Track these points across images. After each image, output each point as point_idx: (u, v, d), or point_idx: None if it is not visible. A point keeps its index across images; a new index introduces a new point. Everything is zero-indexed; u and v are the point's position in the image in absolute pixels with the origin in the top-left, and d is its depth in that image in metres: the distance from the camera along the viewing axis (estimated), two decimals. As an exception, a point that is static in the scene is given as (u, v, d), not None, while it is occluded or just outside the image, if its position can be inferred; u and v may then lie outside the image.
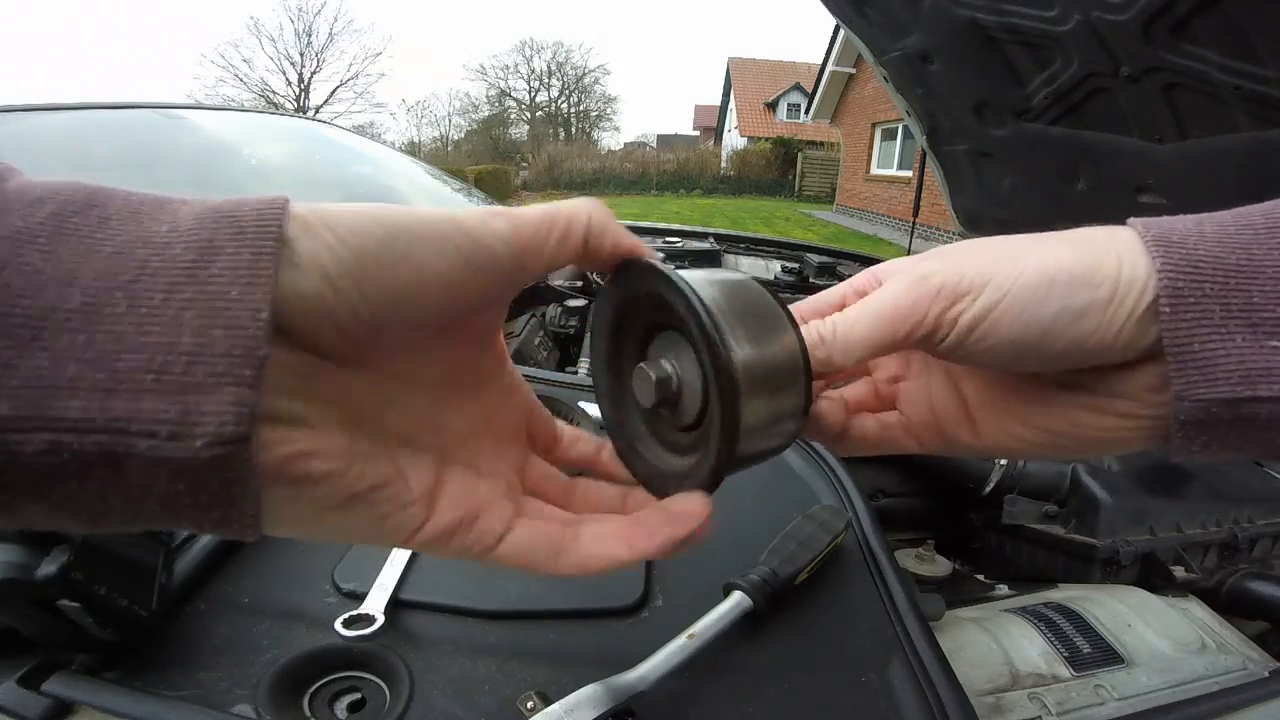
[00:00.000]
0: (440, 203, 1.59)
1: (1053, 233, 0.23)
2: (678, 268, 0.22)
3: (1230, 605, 0.66)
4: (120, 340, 0.14)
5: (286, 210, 0.17)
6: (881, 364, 0.30)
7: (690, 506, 0.21)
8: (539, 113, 25.61)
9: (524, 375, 0.26)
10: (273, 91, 19.33)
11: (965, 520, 0.83)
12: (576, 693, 0.36)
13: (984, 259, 0.22)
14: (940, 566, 0.73)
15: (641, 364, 0.23)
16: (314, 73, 19.83)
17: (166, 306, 0.14)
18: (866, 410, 0.29)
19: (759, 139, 18.51)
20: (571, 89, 26.07)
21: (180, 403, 0.14)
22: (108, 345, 0.14)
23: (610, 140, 26.27)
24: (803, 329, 0.23)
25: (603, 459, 0.26)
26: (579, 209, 0.21)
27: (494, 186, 11.08)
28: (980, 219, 1.61)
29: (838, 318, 0.24)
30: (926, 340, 0.23)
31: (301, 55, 19.48)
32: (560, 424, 0.26)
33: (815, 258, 1.68)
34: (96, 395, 0.14)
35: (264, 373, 0.15)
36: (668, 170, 17.58)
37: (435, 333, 0.20)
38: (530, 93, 25.59)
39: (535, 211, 0.20)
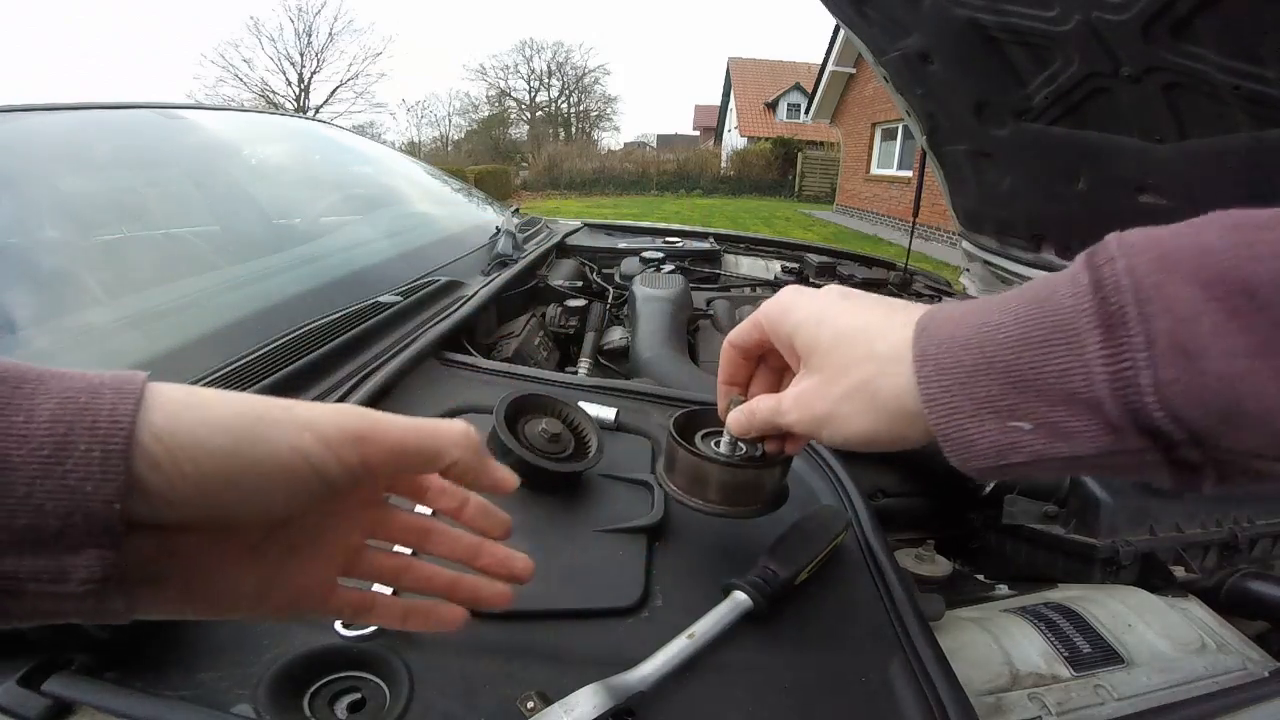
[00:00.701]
0: (440, 203, 1.59)
1: (866, 343, 0.32)
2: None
3: (1230, 605, 0.66)
4: None
5: (139, 407, 0.21)
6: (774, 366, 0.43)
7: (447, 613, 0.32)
8: (539, 113, 25.61)
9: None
10: (273, 91, 19.34)
11: (965, 520, 0.83)
12: (576, 693, 0.36)
13: (817, 416, 0.34)
14: (940, 566, 0.73)
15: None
16: (314, 73, 19.84)
17: (30, 498, 0.19)
18: (767, 389, 0.43)
19: (759, 139, 18.51)
20: (571, 89, 26.07)
21: (57, 561, 0.19)
22: None
23: (610, 140, 26.28)
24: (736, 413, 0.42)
25: (465, 513, 0.31)
26: (449, 449, 0.27)
27: (494, 186, 11.08)
28: (980, 219, 1.61)
29: (758, 410, 0.39)
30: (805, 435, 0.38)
31: (301, 55, 19.50)
32: (430, 479, 0.30)
33: (815, 258, 1.68)
34: None
35: (120, 535, 0.20)
36: (668, 170, 17.58)
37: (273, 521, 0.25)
38: (530, 93, 25.60)
39: (397, 438, 0.25)
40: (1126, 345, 0.23)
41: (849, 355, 0.32)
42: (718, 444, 0.47)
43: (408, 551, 0.32)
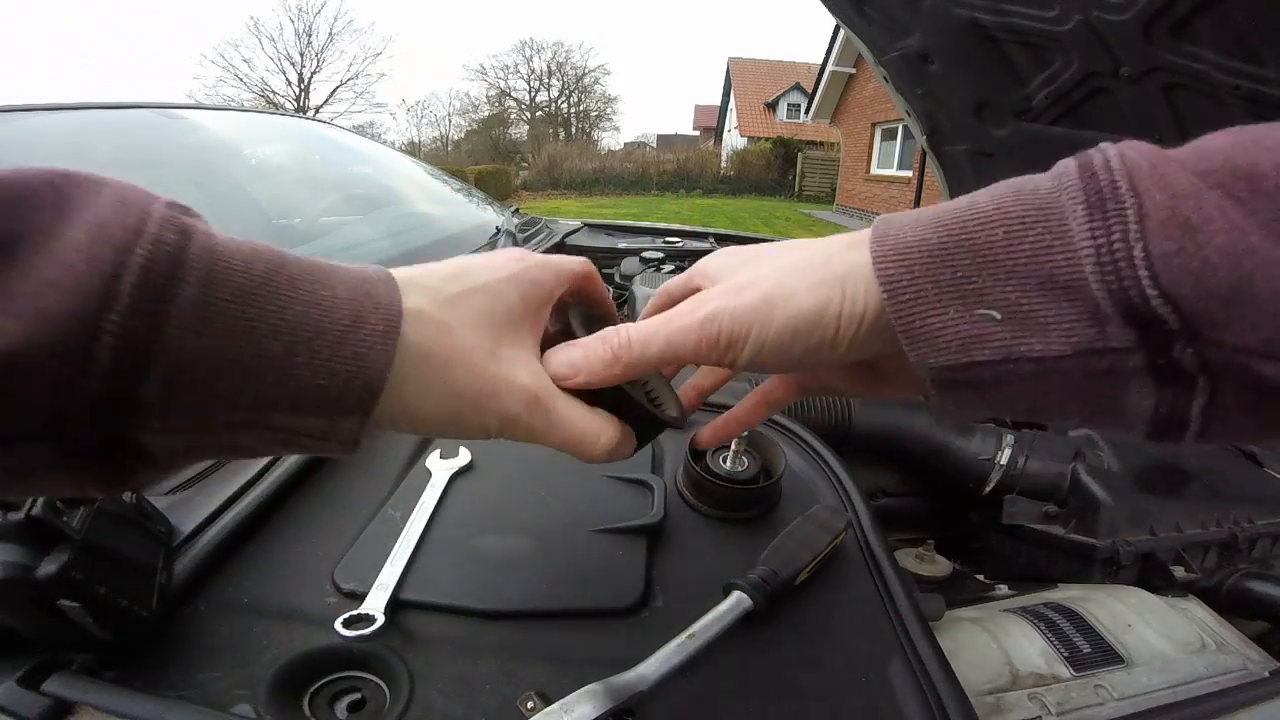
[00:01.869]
0: (440, 203, 1.59)
1: (812, 245, 0.28)
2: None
3: (1230, 605, 0.66)
4: (301, 384, 0.22)
5: (398, 294, 0.25)
6: None
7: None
8: (539, 113, 25.61)
9: None
10: (273, 91, 19.34)
11: (965, 520, 0.83)
12: (576, 693, 0.36)
13: (751, 302, 0.27)
14: (940, 566, 0.73)
15: None
16: (314, 73, 19.84)
17: (330, 362, 0.23)
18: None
19: (759, 139, 18.51)
20: (571, 89, 26.07)
21: (329, 421, 0.23)
22: (295, 385, 0.22)
23: (610, 140, 26.28)
24: (606, 338, 0.30)
25: None
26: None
27: (494, 186, 11.08)
28: (980, 219, 1.61)
29: (634, 333, 0.29)
30: (702, 364, 0.30)
31: (301, 55, 19.49)
32: None
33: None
34: (287, 414, 0.23)
35: (375, 402, 0.24)
36: (668, 170, 17.58)
37: None
38: (530, 93, 25.60)
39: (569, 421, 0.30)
40: (1117, 218, 0.20)
41: (789, 255, 0.28)
42: (725, 459, 0.57)
43: None
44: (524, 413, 0.28)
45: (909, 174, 9.76)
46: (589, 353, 0.30)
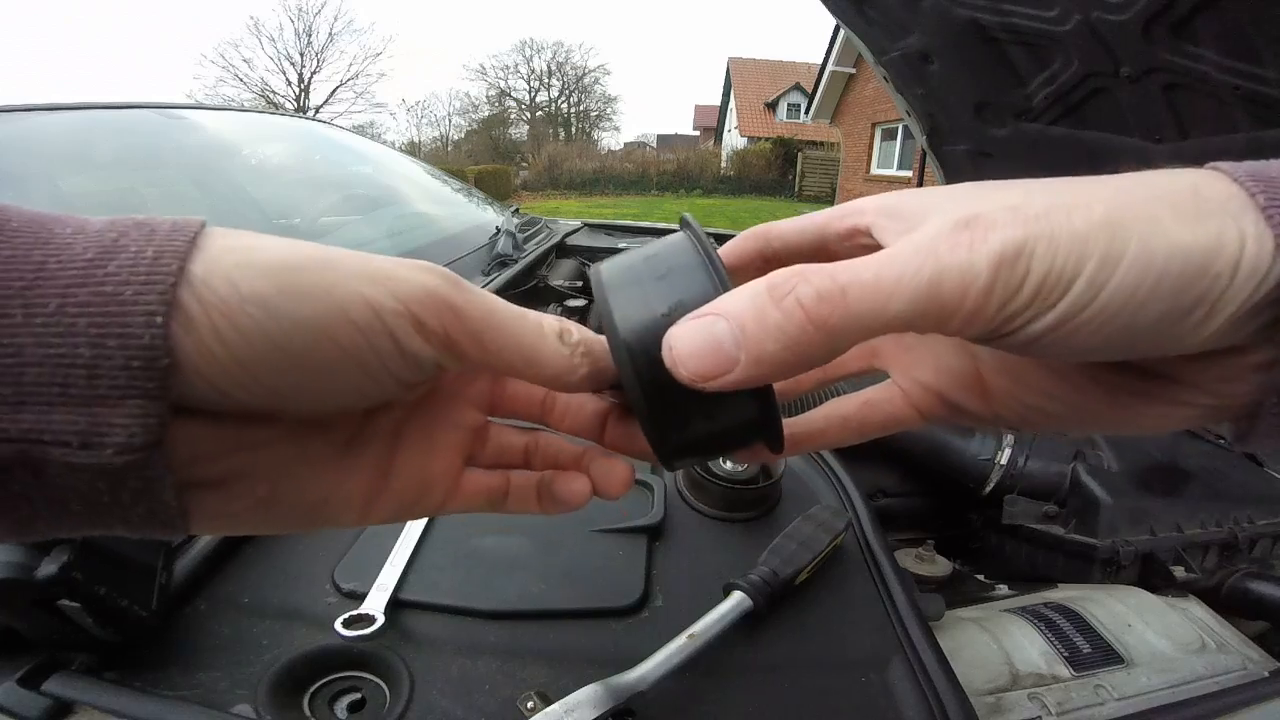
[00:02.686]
0: (440, 203, 1.59)
1: (1134, 177, 0.17)
2: None
3: (1230, 605, 0.66)
4: (21, 354, 0.14)
5: (203, 227, 0.16)
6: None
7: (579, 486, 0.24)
8: (539, 113, 25.61)
9: None
10: (273, 91, 19.34)
11: (965, 520, 0.83)
12: (576, 693, 0.36)
13: (1084, 227, 0.15)
14: (940, 566, 0.73)
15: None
16: (314, 73, 19.84)
17: (62, 314, 0.14)
18: (855, 373, 0.25)
19: (759, 139, 18.51)
20: (571, 89, 26.07)
21: (88, 415, 0.14)
22: (9, 359, 0.14)
23: (610, 140, 26.28)
24: (776, 286, 0.17)
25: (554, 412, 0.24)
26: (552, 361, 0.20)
27: (494, 186, 11.09)
28: (980, 219, 1.61)
29: (843, 277, 0.16)
30: (974, 339, 0.17)
31: (301, 55, 19.49)
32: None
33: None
34: (7, 408, 0.14)
35: (170, 379, 0.15)
36: (668, 170, 17.58)
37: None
38: (530, 93, 25.60)
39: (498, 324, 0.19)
40: None
41: (1103, 184, 0.17)
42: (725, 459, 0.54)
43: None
44: (449, 289, 0.18)
45: (909, 174, 9.76)
46: (748, 318, 0.17)
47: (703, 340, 0.17)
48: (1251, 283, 0.15)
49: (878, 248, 0.18)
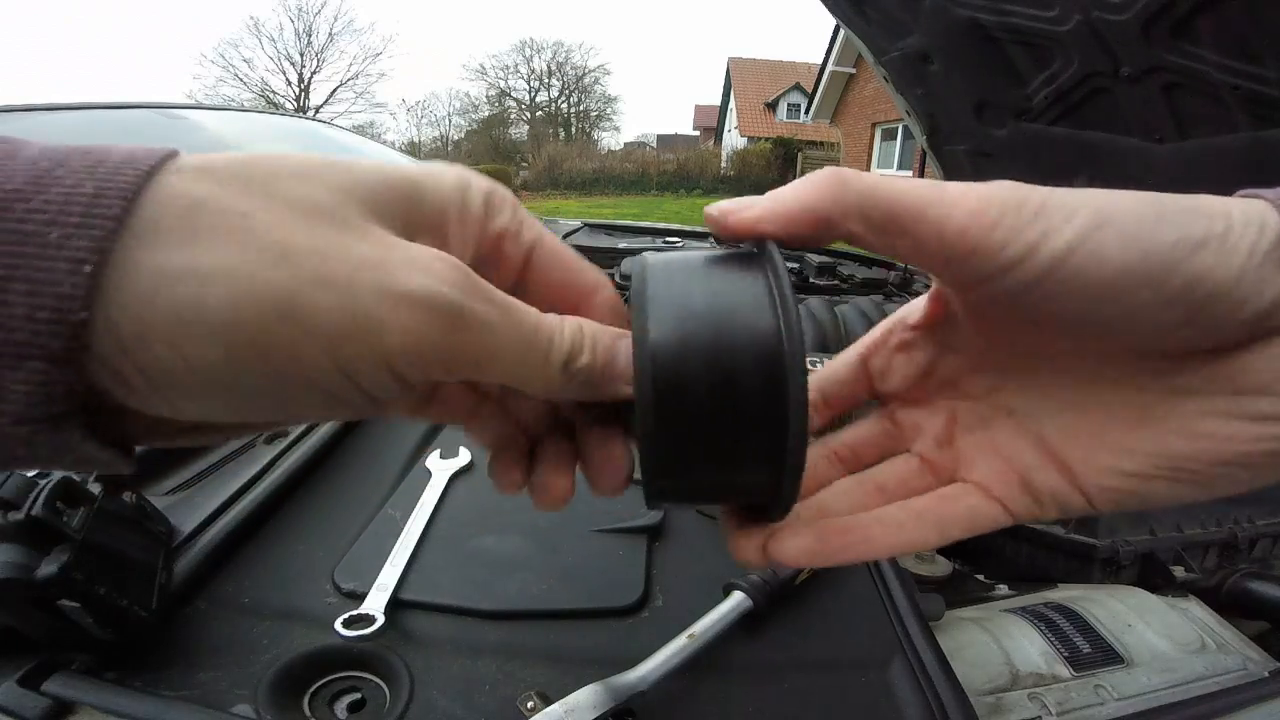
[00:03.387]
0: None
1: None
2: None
3: (1230, 605, 0.66)
4: None
5: (165, 161, 0.14)
6: (921, 425, 0.22)
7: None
8: (539, 113, 25.61)
9: None
10: (273, 91, 19.34)
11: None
12: (576, 693, 0.36)
13: (1065, 190, 0.16)
14: (940, 566, 0.73)
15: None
16: (314, 73, 19.84)
17: None
18: (914, 492, 0.21)
19: (759, 139, 18.51)
20: (571, 89, 26.07)
21: None
22: None
23: (610, 140, 26.27)
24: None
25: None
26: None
27: (494, 186, 11.05)
28: (980, 219, 1.61)
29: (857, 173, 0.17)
30: (979, 252, 0.16)
31: (301, 55, 19.49)
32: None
33: (815, 257, 1.68)
34: None
35: (86, 340, 0.12)
36: (668, 170, 17.58)
37: None
38: (530, 93, 25.61)
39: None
40: None
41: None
42: None
43: None
44: (450, 289, 0.15)
45: (909, 174, 9.74)
46: (779, 192, 0.18)
47: (734, 200, 0.18)
48: (1251, 229, 0.15)
49: (917, 344, 0.22)
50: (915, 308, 0.22)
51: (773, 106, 20.31)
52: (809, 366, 0.17)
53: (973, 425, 0.21)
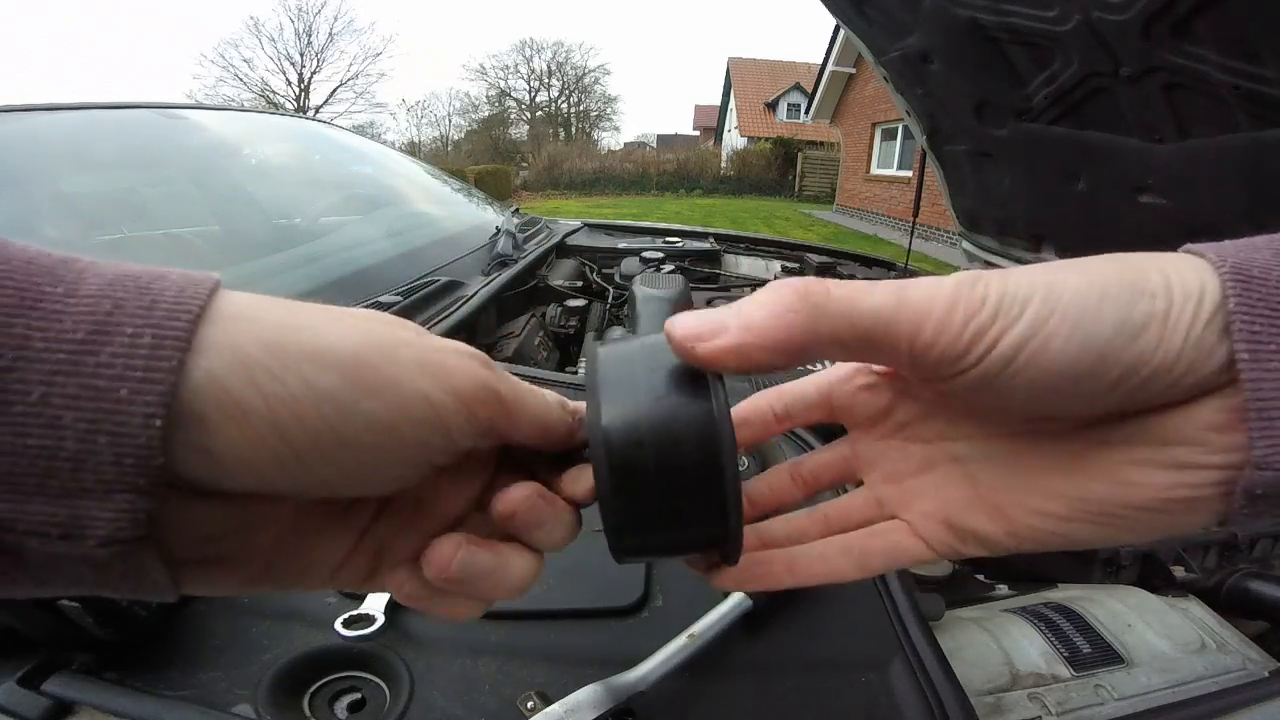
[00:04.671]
0: (440, 203, 1.59)
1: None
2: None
3: (1230, 605, 0.66)
4: None
5: (209, 299, 0.15)
6: (876, 460, 0.24)
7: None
8: (539, 113, 25.61)
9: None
10: (273, 91, 19.34)
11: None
12: (576, 693, 0.36)
13: (1029, 272, 0.18)
14: (940, 566, 0.73)
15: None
16: (314, 73, 19.84)
17: (45, 405, 0.13)
18: (853, 525, 0.24)
19: (759, 139, 18.51)
20: (571, 89, 26.07)
21: (69, 507, 0.13)
22: None
23: (610, 140, 26.28)
24: (773, 284, 0.18)
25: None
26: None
27: (494, 186, 11.09)
28: (980, 219, 1.61)
29: (829, 283, 0.18)
30: (942, 362, 0.17)
31: (301, 55, 19.49)
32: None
33: (815, 257, 1.69)
34: None
35: (161, 475, 0.14)
36: (668, 170, 17.58)
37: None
38: (530, 93, 25.60)
39: (535, 412, 0.20)
40: None
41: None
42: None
43: None
44: (494, 379, 0.18)
45: (909, 174, 9.76)
46: (746, 302, 0.18)
47: (703, 316, 0.18)
48: (1190, 303, 0.16)
49: (880, 387, 0.23)
50: None
51: (773, 106, 20.31)
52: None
53: (920, 467, 0.23)
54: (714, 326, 0.18)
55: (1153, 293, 0.17)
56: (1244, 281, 0.16)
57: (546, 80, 25.67)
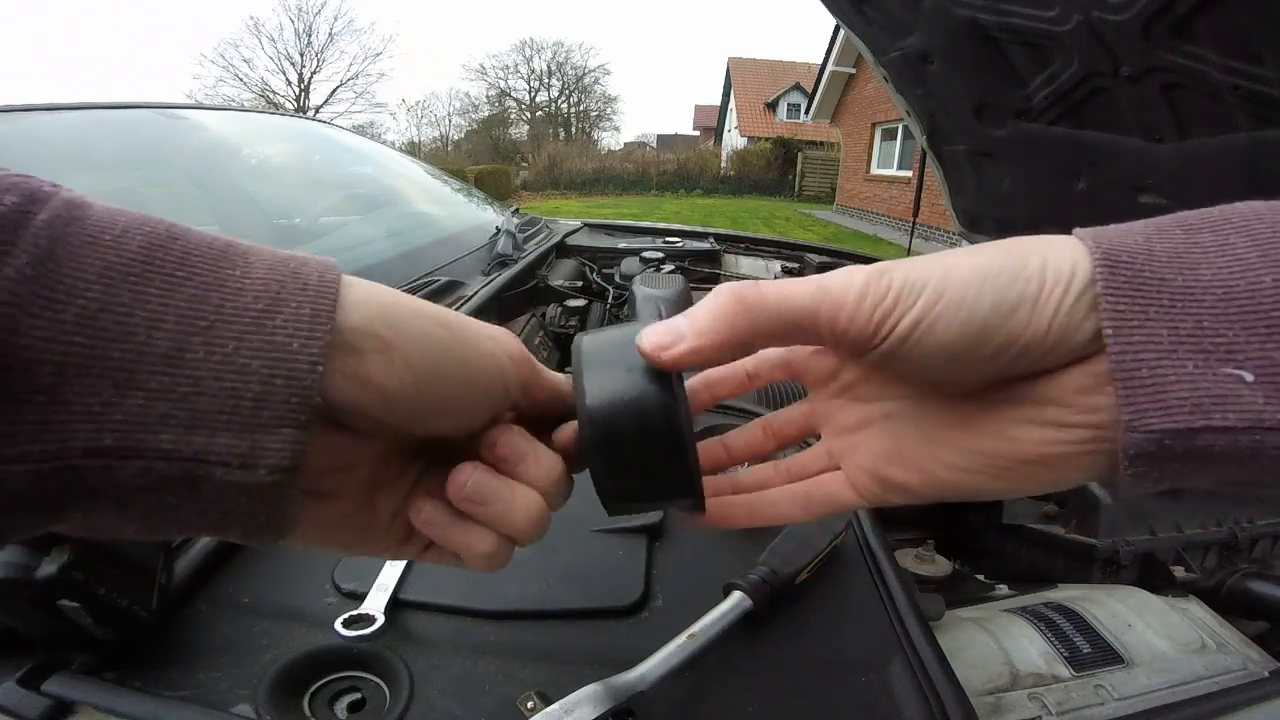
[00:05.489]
0: (440, 203, 1.59)
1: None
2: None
3: (1230, 605, 0.66)
4: (199, 385, 0.17)
5: (341, 280, 0.20)
6: (831, 416, 0.28)
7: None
8: (539, 113, 25.60)
9: None
10: (273, 91, 19.33)
11: (965, 520, 0.83)
12: (576, 693, 0.36)
13: (924, 262, 0.21)
14: (940, 566, 0.73)
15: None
16: (314, 73, 19.83)
17: (238, 355, 0.17)
18: (807, 475, 0.28)
19: (759, 139, 18.51)
20: (571, 89, 26.06)
21: (249, 439, 0.17)
22: (189, 389, 0.17)
23: (610, 140, 26.27)
24: (717, 290, 0.22)
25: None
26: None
27: (494, 186, 11.08)
28: (980, 219, 1.61)
29: (761, 284, 0.22)
30: (857, 341, 0.21)
31: (301, 55, 19.49)
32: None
33: (815, 258, 1.69)
34: (182, 431, 0.16)
35: (316, 412, 0.18)
36: (668, 170, 17.58)
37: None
38: (530, 93, 25.60)
39: (553, 380, 0.26)
40: None
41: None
42: None
43: None
44: (528, 354, 0.25)
45: (909, 174, 9.76)
46: (696, 310, 0.22)
47: (665, 327, 0.22)
48: (1060, 286, 0.19)
49: (827, 352, 0.27)
50: None
51: (773, 106, 20.30)
52: None
53: (859, 423, 0.27)
54: (673, 336, 0.22)
55: (1028, 276, 0.19)
56: (1111, 266, 0.19)
57: (546, 80, 25.67)
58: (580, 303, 1.22)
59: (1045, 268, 0.20)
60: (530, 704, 0.37)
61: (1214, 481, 0.19)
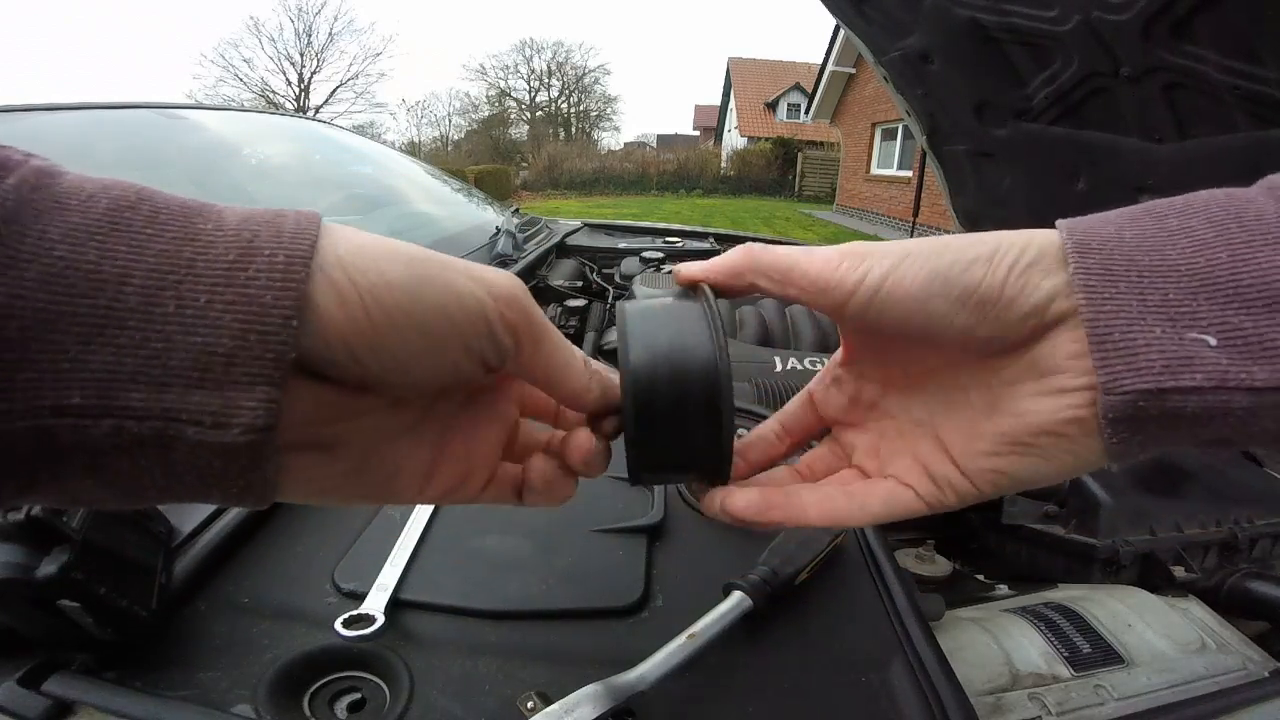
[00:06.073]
0: (440, 203, 1.59)
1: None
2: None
3: (1230, 605, 0.66)
4: (170, 340, 0.16)
5: (321, 229, 0.19)
6: (856, 443, 0.29)
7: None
8: (539, 113, 25.60)
9: None
10: (273, 91, 19.33)
11: (965, 520, 0.83)
12: (576, 693, 0.36)
13: (888, 243, 0.24)
14: (940, 566, 0.73)
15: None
16: (314, 73, 19.83)
17: (210, 308, 0.16)
18: (833, 472, 0.29)
19: (759, 139, 18.51)
20: (571, 89, 26.06)
21: (221, 397, 0.16)
22: (159, 344, 0.16)
23: (610, 140, 26.26)
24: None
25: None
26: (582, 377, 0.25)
27: (494, 186, 11.08)
28: (980, 219, 1.61)
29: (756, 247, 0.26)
30: (836, 292, 0.24)
31: (301, 55, 19.49)
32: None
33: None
34: (154, 388, 0.16)
35: (289, 370, 0.17)
36: (668, 170, 17.57)
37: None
38: (530, 93, 25.59)
39: (543, 323, 0.24)
40: None
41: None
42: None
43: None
44: (524, 295, 0.22)
45: (909, 174, 9.76)
46: (715, 259, 0.27)
47: (691, 263, 0.27)
48: (1012, 252, 0.22)
49: (844, 379, 0.29)
50: (839, 351, 0.30)
51: (773, 106, 20.30)
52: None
53: (892, 436, 0.28)
54: (699, 267, 0.26)
55: (983, 242, 0.22)
56: (1083, 250, 0.21)
57: (546, 80, 25.67)
58: (580, 303, 1.22)
59: (1000, 239, 0.22)
60: (530, 704, 0.37)
61: (1190, 443, 0.21)
